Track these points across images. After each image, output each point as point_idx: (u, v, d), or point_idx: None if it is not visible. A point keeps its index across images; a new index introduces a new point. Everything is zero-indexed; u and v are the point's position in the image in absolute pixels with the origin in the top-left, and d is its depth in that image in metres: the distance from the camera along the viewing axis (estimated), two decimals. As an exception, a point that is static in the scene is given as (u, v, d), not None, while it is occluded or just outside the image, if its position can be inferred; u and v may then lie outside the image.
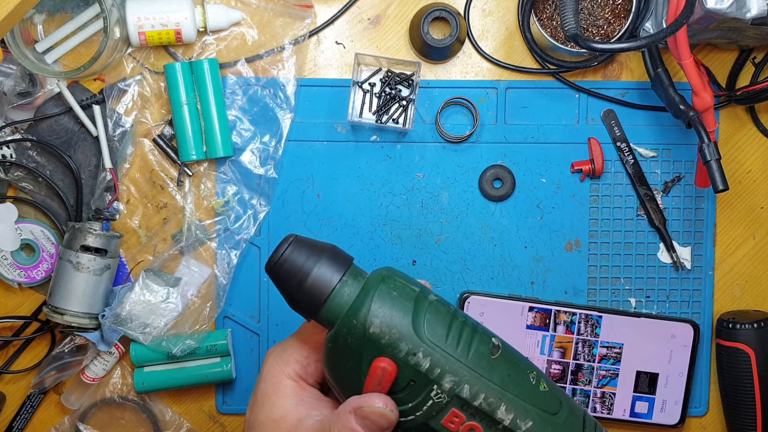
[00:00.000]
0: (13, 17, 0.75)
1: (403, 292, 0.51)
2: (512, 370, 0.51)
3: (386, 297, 0.50)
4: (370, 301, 0.50)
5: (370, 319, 0.49)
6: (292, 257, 0.51)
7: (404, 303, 0.50)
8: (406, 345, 0.49)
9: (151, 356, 0.88)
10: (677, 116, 0.82)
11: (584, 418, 0.52)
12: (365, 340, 0.49)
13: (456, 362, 0.49)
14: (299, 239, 0.52)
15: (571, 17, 0.76)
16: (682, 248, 0.91)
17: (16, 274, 0.89)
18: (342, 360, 0.51)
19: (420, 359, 0.49)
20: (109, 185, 0.88)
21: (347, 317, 0.50)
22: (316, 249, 0.52)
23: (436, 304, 0.51)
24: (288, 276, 0.51)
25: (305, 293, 0.51)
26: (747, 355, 0.87)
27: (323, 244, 0.53)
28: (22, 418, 0.92)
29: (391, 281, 0.51)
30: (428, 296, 0.51)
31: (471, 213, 0.90)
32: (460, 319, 0.51)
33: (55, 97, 0.88)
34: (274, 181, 0.89)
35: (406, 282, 0.52)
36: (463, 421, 0.49)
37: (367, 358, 0.49)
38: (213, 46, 0.89)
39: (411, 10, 0.90)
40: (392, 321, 0.49)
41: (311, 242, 0.53)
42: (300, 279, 0.51)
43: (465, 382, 0.49)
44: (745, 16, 0.75)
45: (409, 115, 0.88)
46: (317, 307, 0.51)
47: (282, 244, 0.52)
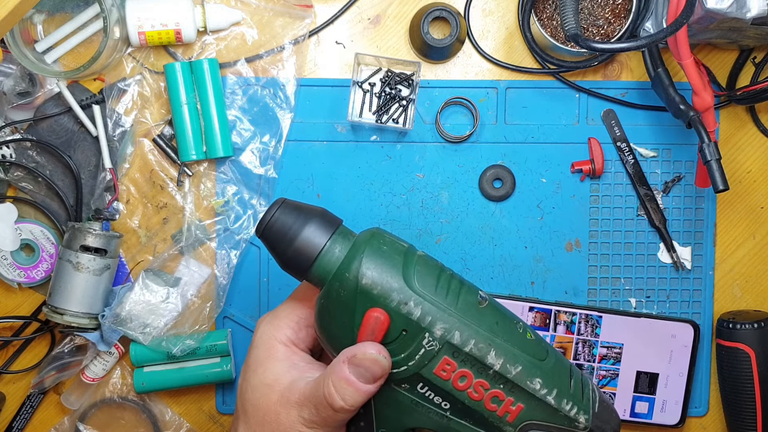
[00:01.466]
0: (13, 17, 0.75)
1: (393, 247, 0.53)
2: (500, 318, 0.53)
3: (377, 251, 0.52)
4: (362, 255, 0.51)
5: (363, 271, 0.51)
6: (282, 219, 0.53)
7: (394, 256, 0.52)
8: (397, 295, 0.50)
9: (151, 356, 0.88)
10: (677, 116, 0.82)
11: (571, 368, 0.54)
12: (358, 292, 0.51)
13: (446, 310, 0.51)
14: (288, 202, 0.54)
15: (571, 17, 0.76)
16: (682, 248, 0.91)
17: (16, 274, 0.89)
18: (335, 314, 0.52)
19: (412, 308, 0.50)
20: (108, 185, 0.88)
21: (339, 271, 0.52)
22: (304, 211, 0.54)
23: (425, 257, 0.53)
24: (278, 237, 0.53)
25: (295, 253, 0.52)
26: (747, 355, 0.87)
27: (312, 207, 0.55)
28: (22, 418, 0.92)
29: (381, 237, 0.53)
30: (417, 251, 0.54)
31: (471, 213, 0.90)
32: (448, 272, 0.54)
33: (54, 97, 0.88)
34: (274, 181, 0.89)
35: (394, 238, 0.54)
36: (454, 369, 0.51)
37: (360, 310, 0.51)
38: (213, 46, 0.89)
39: (411, 10, 0.90)
40: (383, 273, 0.51)
41: (300, 205, 0.54)
42: (289, 239, 0.52)
43: (455, 329, 0.51)
44: (745, 16, 0.75)
45: (409, 115, 0.88)
46: (307, 265, 0.52)
47: (271, 207, 0.54)
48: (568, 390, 0.53)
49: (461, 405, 0.52)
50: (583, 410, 0.53)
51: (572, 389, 0.53)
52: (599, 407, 0.54)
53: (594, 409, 0.53)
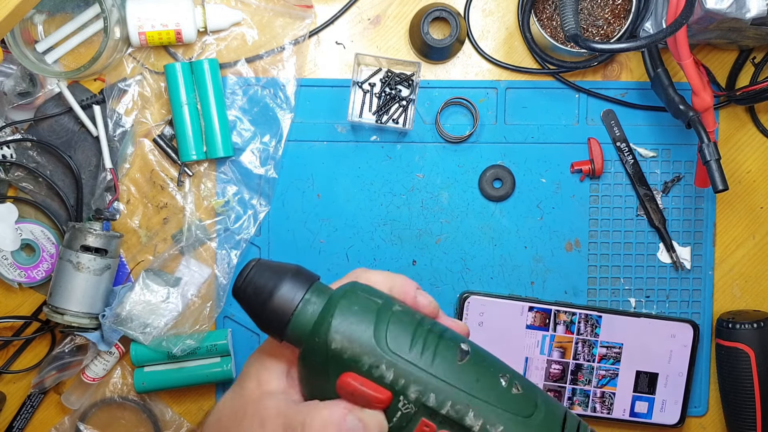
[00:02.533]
0: (14, 17, 0.75)
1: (365, 305, 0.50)
2: (481, 374, 0.50)
3: (347, 312, 0.50)
4: (330, 317, 0.49)
5: (331, 335, 0.49)
6: (255, 279, 0.51)
7: (365, 316, 0.50)
8: (368, 358, 0.49)
9: (151, 356, 0.88)
10: (677, 116, 0.82)
11: (565, 417, 0.51)
12: (329, 357, 0.49)
13: (420, 371, 0.49)
14: (262, 262, 0.52)
15: (571, 17, 0.76)
16: (682, 248, 0.91)
17: (16, 274, 0.89)
18: (312, 379, 0.51)
19: (383, 371, 0.48)
20: (109, 185, 0.88)
21: (310, 336, 0.50)
22: (279, 270, 0.52)
23: (399, 314, 0.51)
24: (252, 298, 0.51)
25: (270, 314, 0.51)
26: (747, 355, 0.87)
27: (287, 265, 0.52)
28: (22, 418, 0.92)
29: (353, 295, 0.51)
30: (392, 307, 0.51)
31: (471, 213, 0.91)
32: (426, 327, 0.51)
33: (55, 97, 0.88)
34: (274, 181, 0.89)
35: (368, 295, 0.51)
36: (434, 430, 0.49)
37: (333, 375, 0.49)
38: (213, 46, 0.89)
39: (411, 10, 0.90)
40: (353, 335, 0.49)
41: (274, 264, 0.52)
42: (263, 300, 0.51)
43: (430, 391, 0.49)
44: (745, 17, 0.75)
45: (409, 115, 0.88)
46: (282, 326, 0.51)
47: (245, 268, 0.52)
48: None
49: None
50: None
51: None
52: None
53: None
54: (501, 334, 0.89)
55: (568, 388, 0.90)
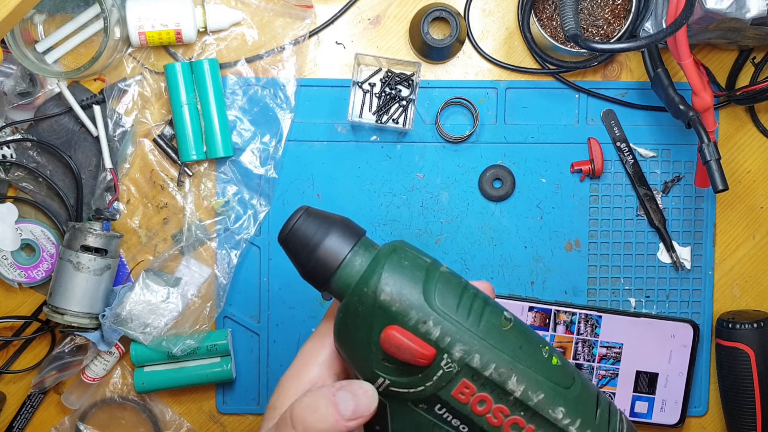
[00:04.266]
0: (14, 17, 0.75)
1: (415, 262, 0.51)
2: (524, 342, 0.50)
3: (397, 266, 0.50)
4: (381, 269, 0.49)
5: (381, 286, 0.49)
6: (304, 227, 0.51)
7: (415, 272, 0.50)
8: (416, 313, 0.48)
9: (151, 356, 0.88)
10: (677, 116, 0.82)
11: (598, 396, 0.52)
12: (375, 308, 0.49)
13: (466, 331, 0.49)
14: (311, 210, 0.53)
15: (571, 17, 0.76)
16: (682, 248, 0.91)
17: (16, 274, 0.89)
18: (353, 330, 0.50)
19: (430, 327, 0.48)
20: (109, 185, 0.88)
21: (358, 285, 0.50)
22: (327, 220, 0.52)
23: (447, 275, 0.51)
24: (299, 246, 0.51)
25: (316, 263, 0.51)
26: (747, 355, 0.87)
27: (335, 216, 0.53)
28: (22, 418, 0.92)
29: (403, 252, 0.51)
30: (439, 267, 0.51)
31: (471, 213, 0.91)
32: (472, 291, 0.51)
33: (55, 97, 0.88)
34: (274, 181, 0.89)
35: (417, 253, 0.52)
36: (473, 392, 0.49)
37: (378, 327, 0.49)
38: (213, 46, 0.89)
39: (411, 10, 0.90)
40: (402, 289, 0.49)
41: (323, 213, 0.53)
42: (311, 249, 0.51)
43: (475, 352, 0.49)
44: (745, 17, 0.75)
45: (409, 115, 0.88)
46: (328, 276, 0.51)
47: (294, 215, 0.52)
48: (593, 420, 0.50)
49: (480, 430, 0.50)
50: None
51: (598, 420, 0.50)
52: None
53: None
54: (501, 334, 0.89)
55: (568, 388, 0.90)
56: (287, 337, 0.91)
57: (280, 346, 0.91)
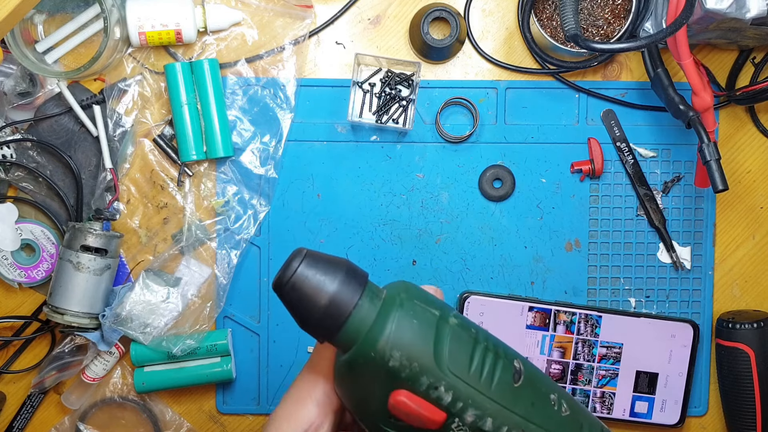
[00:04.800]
0: (14, 17, 0.75)
1: (423, 318, 0.47)
2: (535, 397, 0.49)
3: (406, 326, 0.46)
4: (390, 329, 0.46)
5: (390, 351, 0.46)
6: (306, 275, 0.47)
7: (425, 332, 0.47)
8: (427, 378, 0.46)
9: (151, 356, 0.88)
10: (677, 116, 0.82)
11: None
12: (384, 372, 0.46)
13: (479, 394, 0.47)
14: (311, 253, 0.48)
15: (571, 17, 0.76)
16: (682, 248, 0.91)
17: (16, 274, 0.89)
18: (358, 386, 0.48)
19: (442, 393, 0.46)
20: (109, 185, 0.88)
21: (365, 346, 0.46)
22: (330, 265, 0.47)
23: (457, 329, 0.48)
24: (302, 297, 0.47)
25: (322, 315, 0.47)
26: (747, 355, 0.87)
27: (337, 259, 0.48)
28: (22, 418, 0.92)
29: (411, 305, 0.48)
30: (449, 319, 0.48)
31: (471, 213, 0.91)
32: (482, 343, 0.48)
33: (55, 97, 0.88)
34: (274, 181, 0.89)
35: (425, 305, 0.48)
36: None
37: (386, 389, 0.47)
38: (213, 46, 0.89)
39: (411, 10, 0.90)
40: (412, 353, 0.46)
41: (324, 257, 0.48)
42: (316, 300, 0.46)
43: (488, 415, 0.47)
44: (745, 17, 0.75)
45: (409, 115, 0.88)
46: (335, 330, 0.47)
47: (293, 260, 0.47)
48: None
49: None
50: None
51: None
52: None
53: None
54: (501, 334, 0.89)
55: (568, 388, 0.90)
56: (287, 337, 0.91)
57: (280, 346, 0.91)
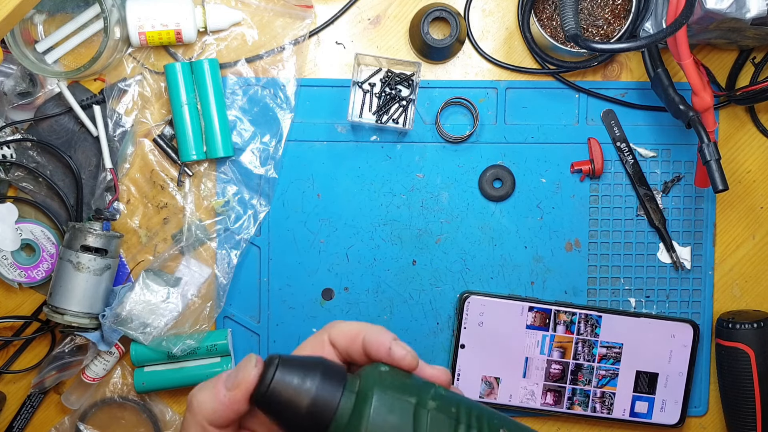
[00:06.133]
0: (14, 17, 0.75)
1: (400, 410, 0.46)
2: None
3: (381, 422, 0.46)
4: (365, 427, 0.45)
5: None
6: (284, 382, 0.46)
7: (404, 422, 0.46)
8: None
9: (151, 356, 0.88)
10: (677, 116, 0.82)
11: None
12: None
13: None
14: (284, 359, 0.47)
15: (571, 17, 0.76)
16: (682, 248, 0.91)
17: (16, 274, 0.89)
18: None
19: None
20: (109, 185, 0.88)
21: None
22: (305, 367, 0.47)
23: (435, 413, 0.47)
24: (283, 404, 0.46)
25: (306, 420, 0.46)
26: (747, 355, 0.87)
27: (311, 360, 0.48)
28: (22, 418, 0.92)
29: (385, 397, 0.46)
30: (427, 404, 0.47)
31: (471, 213, 0.91)
32: (464, 423, 0.47)
33: (55, 97, 0.88)
34: (274, 181, 0.89)
35: (400, 394, 0.47)
36: None
37: None
38: (213, 46, 0.89)
39: (411, 10, 0.90)
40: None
41: (298, 360, 0.47)
42: (297, 406, 0.46)
43: None
44: (745, 17, 0.75)
45: (409, 115, 0.88)
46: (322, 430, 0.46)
47: (267, 369, 0.46)
48: None
49: None
50: None
51: None
52: None
53: None
54: (501, 334, 0.89)
55: (568, 388, 0.90)
56: (287, 337, 0.91)
57: (280, 346, 0.91)
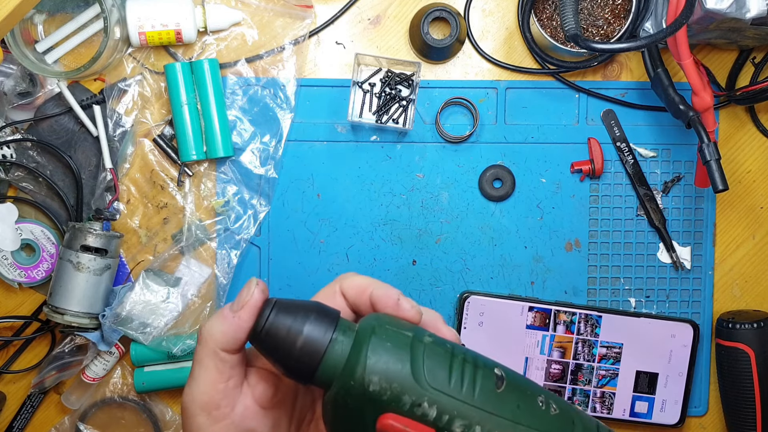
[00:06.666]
0: (14, 17, 0.75)
1: (397, 341, 0.48)
2: (521, 399, 0.49)
3: (380, 349, 0.47)
4: (365, 356, 0.47)
5: (368, 376, 0.47)
6: (277, 323, 0.48)
7: (400, 352, 0.47)
8: (409, 397, 0.46)
9: (151, 356, 0.88)
10: (677, 116, 0.82)
11: (598, 428, 0.51)
12: (366, 399, 0.47)
13: (463, 405, 0.47)
14: (280, 302, 0.49)
15: (571, 17, 0.76)
16: (682, 248, 0.91)
17: (16, 274, 0.89)
18: (345, 423, 0.48)
19: (426, 409, 0.46)
20: (109, 185, 0.88)
21: (343, 378, 0.47)
22: (300, 309, 0.49)
23: (432, 346, 0.49)
24: (276, 343, 0.48)
25: (298, 358, 0.48)
26: (747, 355, 0.87)
27: (307, 303, 0.50)
28: (22, 418, 0.92)
29: (383, 330, 0.48)
30: (423, 339, 0.49)
31: (471, 213, 0.91)
32: (459, 356, 0.49)
33: (55, 97, 0.88)
34: (274, 181, 0.89)
35: (397, 329, 0.49)
36: None
37: (371, 417, 0.47)
38: (213, 46, 0.89)
39: (411, 10, 0.90)
40: (391, 374, 0.47)
41: (293, 303, 0.50)
42: (290, 344, 0.48)
43: (476, 424, 0.47)
44: (745, 17, 0.75)
45: (409, 115, 0.88)
46: (312, 371, 0.48)
47: (263, 312, 0.49)
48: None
49: None
50: None
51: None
52: None
53: None
54: (501, 334, 0.89)
55: (568, 388, 0.90)
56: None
57: (280, 346, 0.91)
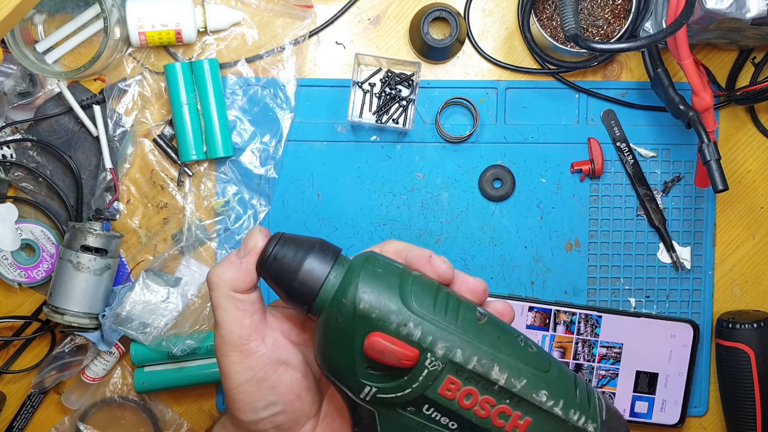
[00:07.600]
0: (14, 17, 0.75)
1: (388, 269, 0.52)
2: (500, 332, 0.53)
3: (372, 274, 0.52)
4: (357, 279, 0.51)
5: (359, 296, 0.51)
6: (282, 253, 0.53)
7: (390, 278, 0.52)
8: (396, 317, 0.50)
9: (151, 356, 0.88)
10: (677, 116, 0.82)
11: (575, 378, 0.54)
12: (356, 317, 0.51)
13: (446, 329, 0.51)
14: (285, 236, 0.54)
15: (571, 17, 0.76)
16: (682, 248, 0.91)
17: (16, 274, 0.89)
18: (335, 342, 0.52)
19: (411, 329, 0.50)
20: (109, 185, 0.88)
21: (336, 298, 0.51)
22: (304, 243, 0.54)
23: (420, 277, 0.53)
24: (280, 272, 0.53)
25: (299, 286, 0.52)
26: (747, 355, 0.87)
27: (311, 239, 0.54)
28: (22, 418, 0.92)
29: (375, 260, 0.53)
30: (412, 272, 0.53)
31: (471, 213, 0.91)
32: (445, 290, 0.53)
33: (55, 97, 0.88)
34: (274, 181, 0.89)
35: (389, 261, 0.54)
36: (459, 387, 0.51)
37: (360, 335, 0.51)
38: (213, 46, 0.89)
39: (411, 10, 0.90)
40: (380, 296, 0.51)
41: (298, 237, 0.54)
42: (291, 274, 0.53)
43: (457, 347, 0.50)
44: (745, 17, 0.75)
45: (409, 115, 0.88)
46: (313, 297, 0.52)
47: (269, 243, 0.54)
48: (575, 400, 0.52)
49: (468, 424, 0.51)
50: (591, 419, 0.52)
51: (578, 399, 0.53)
52: (606, 415, 0.54)
53: (602, 416, 0.53)
54: (501, 334, 0.89)
55: (568, 388, 0.90)
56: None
57: (280, 346, 0.91)
